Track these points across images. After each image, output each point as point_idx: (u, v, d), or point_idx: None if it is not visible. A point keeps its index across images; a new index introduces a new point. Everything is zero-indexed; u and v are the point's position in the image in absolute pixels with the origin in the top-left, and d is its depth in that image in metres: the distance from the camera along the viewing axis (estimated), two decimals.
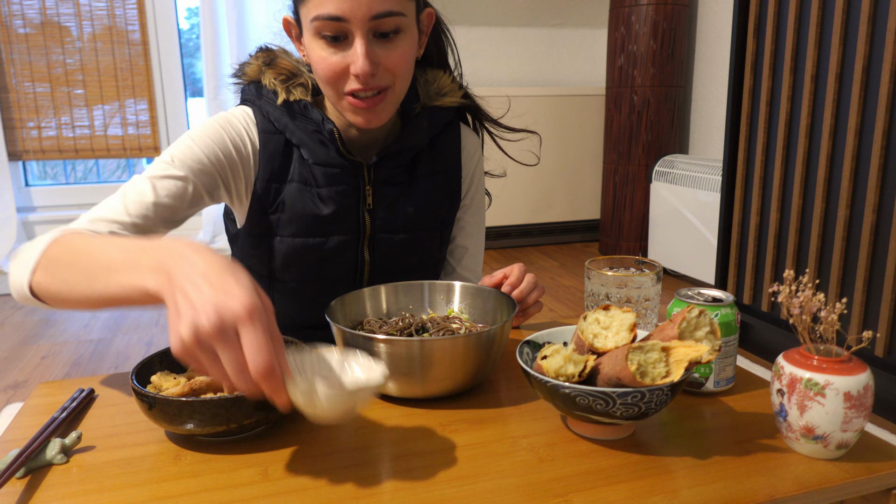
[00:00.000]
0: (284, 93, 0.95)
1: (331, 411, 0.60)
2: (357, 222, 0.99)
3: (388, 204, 1.00)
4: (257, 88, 0.97)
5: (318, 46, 0.86)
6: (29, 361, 2.26)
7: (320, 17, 0.83)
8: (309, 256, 0.98)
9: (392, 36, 0.86)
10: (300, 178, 0.96)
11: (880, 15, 1.65)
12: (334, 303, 0.84)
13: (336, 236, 0.98)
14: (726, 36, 3.17)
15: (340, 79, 0.87)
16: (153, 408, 0.67)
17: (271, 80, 0.96)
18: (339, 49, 0.85)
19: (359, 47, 0.84)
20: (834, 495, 0.62)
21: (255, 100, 0.97)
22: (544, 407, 0.77)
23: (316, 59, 0.87)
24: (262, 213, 0.97)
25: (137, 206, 0.87)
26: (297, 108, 0.95)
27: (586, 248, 3.78)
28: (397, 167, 1.00)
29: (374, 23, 0.84)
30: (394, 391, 0.77)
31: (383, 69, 0.87)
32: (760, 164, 2.05)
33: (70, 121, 3.58)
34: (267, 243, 0.98)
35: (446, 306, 0.93)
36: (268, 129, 0.95)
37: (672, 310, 0.78)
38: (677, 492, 0.60)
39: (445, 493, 0.60)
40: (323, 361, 0.69)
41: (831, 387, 0.62)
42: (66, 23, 3.48)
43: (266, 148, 0.95)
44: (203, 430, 0.67)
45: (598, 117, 3.71)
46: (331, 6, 0.82)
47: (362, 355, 0.69)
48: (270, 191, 0.96)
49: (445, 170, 1.05)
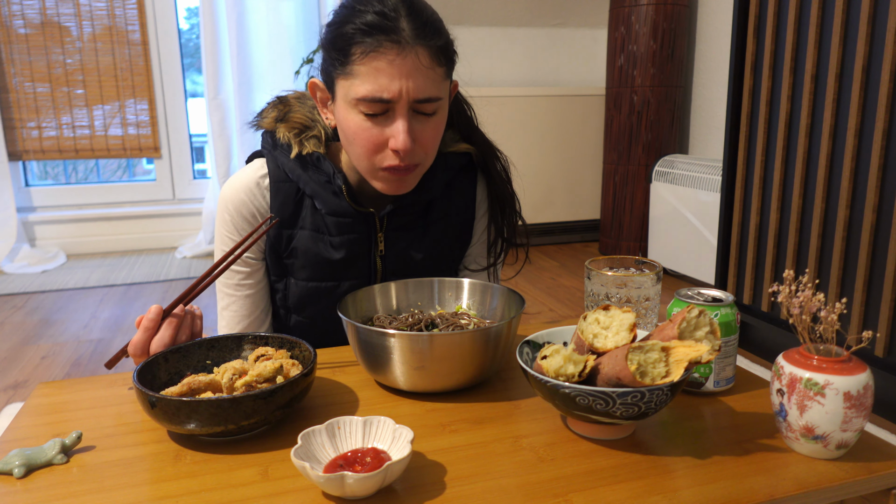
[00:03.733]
0: (297, 146, 0.98)
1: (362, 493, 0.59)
2: (368, 267, 1.02)
3: (400, 250, 1.02)
4: (272, 138, 1.00)
5: (357, 119, 0.88)
6: (29, 361, 2.26)
7: (365, 97, 0.85)
8: (322, 298, 1.02)
9: (430, 115, 0.89)
10: (312, 226, 0.99)
11: (880, 15, 1.65)
12: (346, 299, 0.87)
13: (348, 281, 1.01)
14: (726, 36, 3.17)
15: (378, 151, 0.89)
16: (155, 407, 0.67)
17: (285, 133, 0.98)
18: (378, 124, 0.87)
19: (401, 125, 0.86)
20: (834, 495, 0.62)
21: (270, 150, 1.00)
22: (544, 407, 0.77)
23: (354, 131, 0.89)
24: (277, 257, 1.02)
25: (239, 323, 1.05)
26: (309, 161, 0.97)
27: (586, 248, 3.79)
28: (412, 214, 1.02)
29: (417, 105, 0.87)
30: (402, 385, 0.78)
31: (418, 146, 0.90)
32: (760, 164, 2.05)
33: (70, 121, 3.58)
34: (284, 283, 1.04)
35: (455, 303, 0.95)
36: (280, 179, 0.99)
37: (672, 310, 0.78)
38: (677, 492, 0.60)
39: (446, 492, 0.60)
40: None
41: (831, 387, 0.62)
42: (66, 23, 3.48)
43: (277, 196, 0.99)
44: (203, 430, 0.67)
45: (598, 117, 3.71)
46: (380, 90, 0.84)
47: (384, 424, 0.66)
48: (282, 237, 1.00)
49: (459, 213, 1.06)
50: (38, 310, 2.80)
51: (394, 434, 0.65)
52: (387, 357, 0.76)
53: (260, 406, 0.67)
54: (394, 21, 0.84)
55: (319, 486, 0.59)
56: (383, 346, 0.76)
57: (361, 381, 0.84)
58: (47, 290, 3.05)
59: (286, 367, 0.75)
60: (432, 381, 0.78)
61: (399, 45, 0.83)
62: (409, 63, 0.84)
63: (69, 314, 2.74)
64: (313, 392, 0.81)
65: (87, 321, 2.66)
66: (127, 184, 3.85)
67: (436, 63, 0.87)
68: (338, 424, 0.65)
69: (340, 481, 0.57)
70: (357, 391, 0.82)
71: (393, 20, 0.84)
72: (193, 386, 0.71)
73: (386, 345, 0.76)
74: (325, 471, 0.60)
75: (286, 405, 0.70)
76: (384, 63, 0.83)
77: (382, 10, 0.84)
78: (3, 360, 2.29)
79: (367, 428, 0.66)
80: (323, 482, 0.58)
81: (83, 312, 2.76)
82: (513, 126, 3.55)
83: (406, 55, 0.84)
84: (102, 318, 2.69)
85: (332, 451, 0.64)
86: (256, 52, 3.52)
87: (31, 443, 0.69)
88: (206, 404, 0.65)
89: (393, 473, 0.59)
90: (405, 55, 0.84)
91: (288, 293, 1.04)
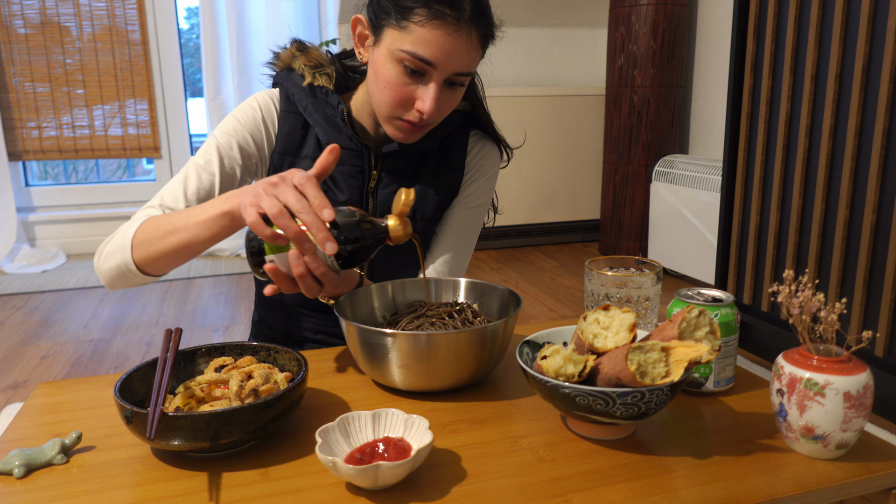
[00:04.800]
0: (311, 77, 1.04)
1: (394, 481, 0.61)
2: (360, 202, 1.06)
3: (390, 192, 1.06)
4: (287, 71, 1.06)
5: (394, 71, 0.92)
6: (29, 361, 2.26)
7: (413, 54, 0.89)
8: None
9: (457, 86, 0.95)
10: (313, 157, 1.04)
11: (880, 15, 1.65)
12: (343, 299, 0.87)
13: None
14: (726, 36, 3.17)
15: (403, 105, 0.94)
16: (131, 422, 0.64)
17: (301, 64, 1.05)
18: (413, 81, 0.92)
19: (433, 91, 0.92)
20: (834, 495, 0.62)
21: (283, 81, 1.06)
22: (544, 407, 0.77)
23: (387, 79, 0.93)
24: None
25: (194, 193, 1.00)
26: (318, 93, 1.03)
27: (586, 248, 3.79)
28: (406, 160, 1.06)
29: (453, 77, 0.93)
30: (400, 384, 0.79)
31: (438, 111, 0.95)
32: (760, 164, 2.05)
33: (70, 121, 3.58)
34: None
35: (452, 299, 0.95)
36: (288, 109, 1.04)
37: (672, 310, 0.78)
38: (677, 492, 0.60)
39: (446, 492, 0.60)
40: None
41: (831, 387, 0.62)
42: (66, 23, 3.48)
43: (284, 125, 1.04)
44: (187, 447, 0.64)
45: (598, 117, 3.71)
46: (429, 51, 0.89)
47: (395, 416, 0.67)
48: (284, 164, 1.04)
49: (450, 169, 1.10)
50: (38, 310, 2.80)
51: (405, 424, 0.66)
52: (384, 356, 0.77)
53: (254, 417, 0.65)
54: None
55: (349, 480, 0.59)
56: (381, 345, 0.76)
57: (357, 381, 0.84)
58: (47, 290, 3.05)
59: (272, 375, 0.73)
60: (428, 380, 0.78)
61: (458, 22, 0.89)
62: (461, 40, 0.90)
63: (69, 314, 2.74)
64: (310, 392, 0.81)
65: (87, 321, 2.66)
66: (127, 184, 3.85)
67: (480, 45, 0.94)
68: (348, 420, 0.66)
69: (374, 472, 0.58)
70: (354, 391, 0.82)
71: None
72: (181, 403, 0.70)
73: (383, 343, 0.76)
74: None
75: (280, 416, 0.68)
76: (441, 33, 0.88)
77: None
78: (3, 360, 2.29)
79: (376, 421, 0.67)
80: (354, 474, 0.58)
81: (83, 312, 2.76)
82: (513, 126, 3.55)
83: (461, 33, 0.89)
84: (102, 318, 2.69)
85: (347, 447, 0.64)
86: (256, 52, 3.52)
87: (31, 443, 0.69)
88: (189, 419, 0.62)
89: (420, 458, 0.61)
90: (460, 32, 0.89)
91: None
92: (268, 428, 0.67)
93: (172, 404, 0.71)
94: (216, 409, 0.64)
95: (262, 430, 0.66)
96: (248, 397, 0.69)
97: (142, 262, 0.91)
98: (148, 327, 2.58)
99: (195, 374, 0.78)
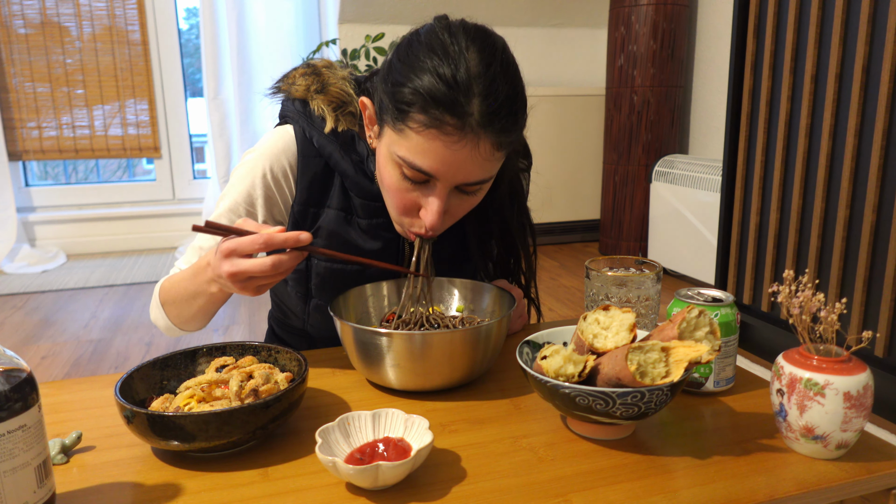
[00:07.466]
0: (333, 121, 0.91)
1: (394, 481, 0.61)
2: (397, 254, 0.97)
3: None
4: (304, 107, 0.93)
5: (396, 175, 0.80)
6: (29, 361, 2.26)
7: (411, 164, 0.77)
8: (348, 281, 0.95)
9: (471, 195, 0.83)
10: (339, 206, 0.93)
11: (880, 15, 1.65)
12: (338, 299, 0.87)
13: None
14: (726, 36, 3.17)
15: (408, 213, 0.83)
16: (131, 422, 0.65)
17: (320, 105, 0.92)
18: (416, 188, 0.80)
19: (436, 204, 0.79)
20: (834, 495, 0.62)
21: (299, 119, 0.93)
22: (544, 407, 0.77)
23: (388, 183, 0.82)
24: None
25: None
26: (345, 139, 0.91)
27: (586, 248, 3.78)
28: None
29: (462, 186, 0.80)
30: (395, 384, 0.79)
31: (449, 217, 0.84)
32: (760, 164, 2.05)
33: (70, 121, 3.58)
34: (305, 263, 0.96)
35: (447, 301, 0.96)
36: (308, 153, 0.92)
37: (672, 310, 0.78)
38: (677, 492, 0.60)
39: (446, 492, 0.60)
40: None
41: (831, 387, 0.62)
42: (66, 23, 3.48)
43: (305, 172, 0.92)
44: (187, 447, 0.65)
45: (598, 117, 3.71)
46: (427, 162, 0.76)
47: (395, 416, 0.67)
48: (308, 215, 0.94)
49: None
50: (38, 310, 2.80)
51: (405, 424, 0.66)
52: (380, 356, 0.77)
53: (253, 417, 0.65)
54: (463, 100, 0.73)
55: (349, 480, 0.60)
56: (375, 346, 0.76)
57: (357, 381, 0.84)
58: (47, 290, 3.05)
59: (273, 375, 0.73)
60: (424, 379, 0.78)
61: (461, 130, 0.74)
62: (465, 151, 0.75)
63: (69, 314, 2.74)
64: (310, 392, 0.81)
65: (87, 321, 2.66)
66: (127, 184, 3.85)
67: (496, 150, 0.78)
68: (348, 420, 0.66)
69: (374, 472, 0.58)
70: (354, 392, 0.82)
71: (463, 95, 0.73)
72: (180, 403, 0.70)
73: (378, 343, 0.76)
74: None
75: (279, 416, 0.68)
76: (440, 144, 0.74)
77: (454, 75, 0.73)
78: None
79: (376, 421, 0.67)
80: (354, 474, 0.58)
81: (83, 312, 2.76)
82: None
83: (465, 142, 0.74)
84: (102, 318, 2.69)
85: (347, 447, 0.64)
86: (256, 52, 3.52)
87: None
88: (189, 419, 0.63)
89: (420, 458, 0.61)
90: (464, 142, 0.74)
91: (310, 274, 0.96)
92: (268, 428, 0.67)
93: (172, 404, 0.71)
94: (216, 409, 0.64)
95: (262, 430, 0.66)
96: (248, 397, 0.68)
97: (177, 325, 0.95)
98: (148, 327, 2.58)
99: (196, 373, 0.78)
